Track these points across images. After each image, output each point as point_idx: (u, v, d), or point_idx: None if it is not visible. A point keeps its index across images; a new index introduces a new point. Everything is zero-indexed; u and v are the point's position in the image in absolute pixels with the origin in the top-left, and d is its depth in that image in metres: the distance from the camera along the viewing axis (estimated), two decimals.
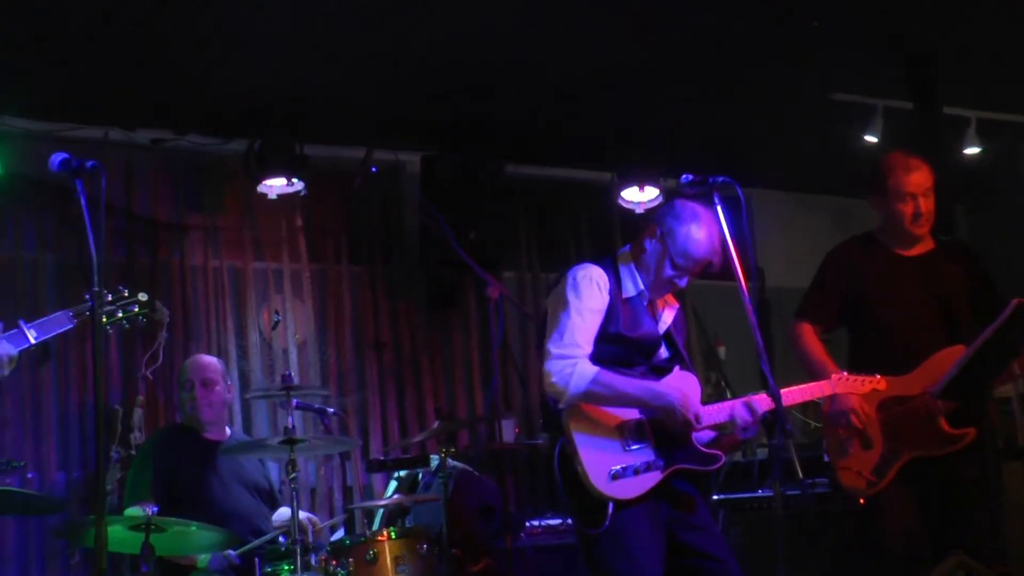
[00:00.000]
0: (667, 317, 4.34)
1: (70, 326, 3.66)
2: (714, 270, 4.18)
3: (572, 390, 4.03)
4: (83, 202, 3.45)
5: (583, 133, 7.35)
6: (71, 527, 5.47)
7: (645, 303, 4.27)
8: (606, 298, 4.17)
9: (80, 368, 6.52)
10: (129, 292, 3.86)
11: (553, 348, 4.08)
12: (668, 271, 4.21)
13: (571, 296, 4.15)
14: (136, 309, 3.85)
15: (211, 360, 5.93)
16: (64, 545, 6.19)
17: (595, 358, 4.11)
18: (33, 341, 3.51)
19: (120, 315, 3.86)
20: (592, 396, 4.06)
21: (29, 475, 6.16)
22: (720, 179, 4.06)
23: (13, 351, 3.47)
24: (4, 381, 6.11)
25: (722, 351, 8.11)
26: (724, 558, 4.18)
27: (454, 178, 7.28)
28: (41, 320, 3.58)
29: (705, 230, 4.13)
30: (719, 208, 4.05)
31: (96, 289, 3.44)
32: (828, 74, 6.74)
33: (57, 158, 3.54)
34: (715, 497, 6.21)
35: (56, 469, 6.38)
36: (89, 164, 3.49)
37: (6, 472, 5.55)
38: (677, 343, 4.33)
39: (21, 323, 3.54)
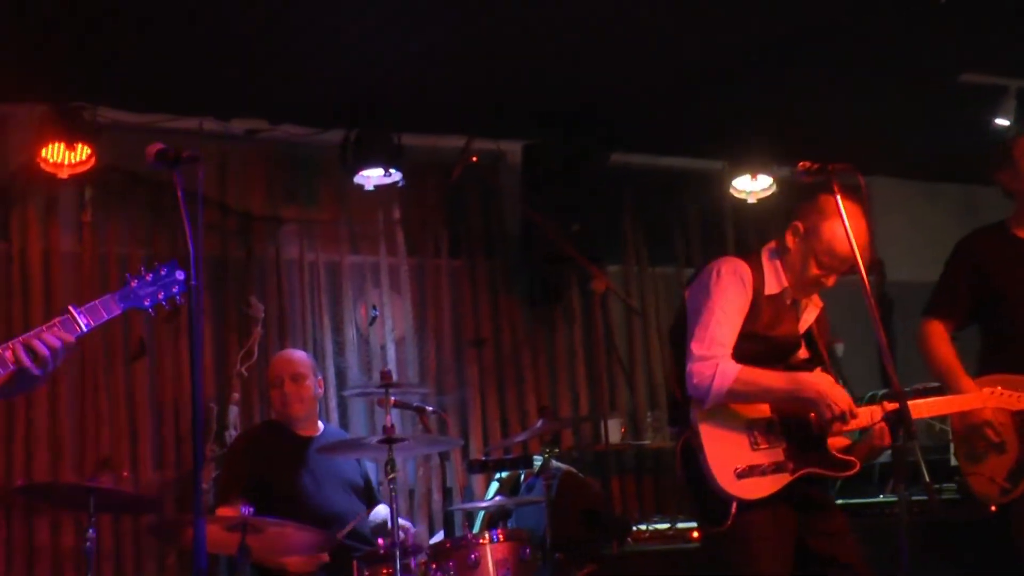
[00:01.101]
0: (809, 316, 4.31)
1: (118, 312, 3.66)
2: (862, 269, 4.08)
3: (715, 390, 4.02)
4: (180, 194, 3.50)
5: (693, 120, 7.28)
6: (166, 527, 5.59)
7: (788, 301, 4.24)
8: (750, 295, 4.15)
9: (174, 364, 6.64)
10: (167, 269, 3.79)
11: (695, 349, 4.07)
12: (813, 270, 4.16)
13: (716, 291, 4.13)
14: (177, 289, 3.80)
15: (300, 354, 6.02)
16: (159, 545, 6.32)
17: (733, 356, 4.10)
18: (84, 329, 3.54)
19: (162, 296, 3.80)
20: (736, 394, 4.05)
21: (124, 473, 6.31)
22: (840, 166, 3.99)
23: (71, 339, 3.51)
24: (97, 377, 6.29)
25: (839, 348, 8.00)
26: (857, 567, 4.12)
27: (557, 168, 7.26)
28: (89, 305, 3.59)
29: (853, 226, 4.03)
30: (839, 197, 3.99)
31: (195, 283, 3.49)
32: (956, 54, 6.60)
33: (153, 149, 3.60)
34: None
35: (151, 467, 6.51)
36: (185, 154, 3.55)
37: (101, 470, 5.68)
38: (818, 344, 4.28)
39: (72, 309, 3.56)
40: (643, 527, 6.31)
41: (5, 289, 6.36)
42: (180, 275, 3.77)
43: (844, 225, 4.00)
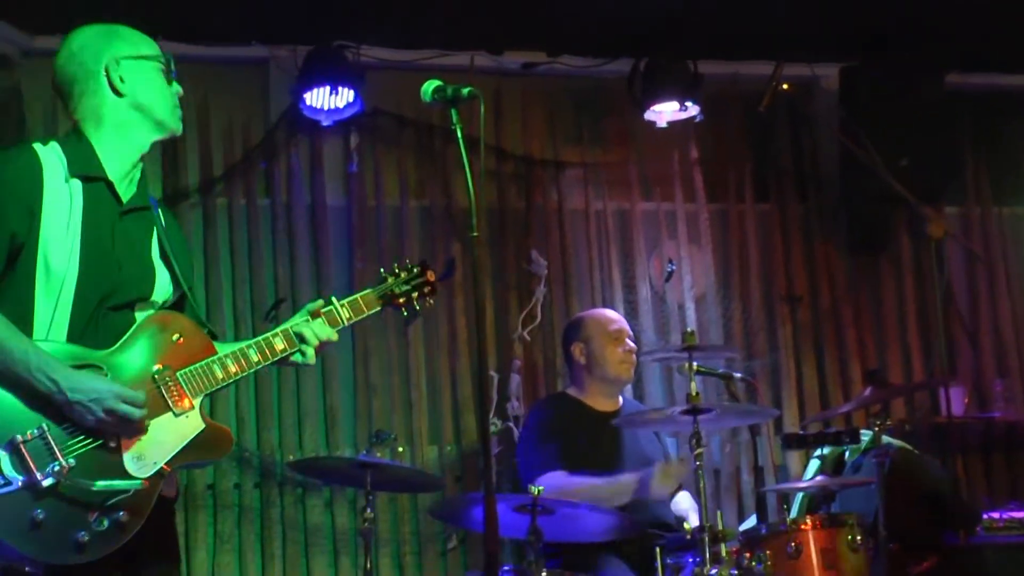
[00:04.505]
0: None
1: (377, 309, 3.83)
2: None
3: None
4: (459, 137, 3.59)
5: None
6: (449, 507, 5.78)
7: None
8: None
9: (450, 329, 6.81)
10: (417, 269, 3.95)
11: None
12: None
13: None
14: (428, 291, 3.97)
15: None
16: (442, 526, 6.52)
17: None
18: (345, 323, 3.74)
19: (416, 296, 3.96)
20: None
21: (399, 448, 6.53)
22: None
23: (335, 338, 3.72)
24: (368, 345, 6.53)
25: None
26: None
27: (882, 93, 7.10)
28: (351, 299, 3.76)
29: None
30: None
31: (475, 234, 3.58)
32: None
33: (429, 86, 3.70)
34: None
35: (426, 442, 6.72)
36: (465, 91, 3.64)
37: (377, 445, 5.89)
38: None
39: (335, 300, 3.76)
40: (996, 515, 6.12)
41: (271, 247, 6.68)
42: (432, 275, 3.93)
43: None
